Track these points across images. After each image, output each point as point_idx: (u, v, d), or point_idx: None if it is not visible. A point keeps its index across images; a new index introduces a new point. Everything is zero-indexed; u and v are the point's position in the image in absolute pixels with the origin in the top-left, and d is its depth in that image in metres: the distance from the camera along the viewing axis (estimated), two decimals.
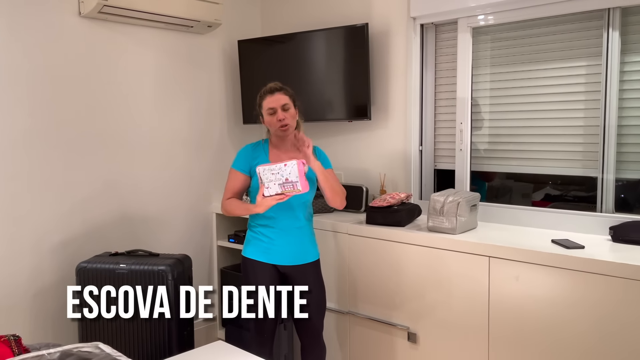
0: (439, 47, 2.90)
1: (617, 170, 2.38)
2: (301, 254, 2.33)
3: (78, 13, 2.78)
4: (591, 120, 2.43)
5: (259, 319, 2.29)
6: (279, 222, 2.29)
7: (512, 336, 2.17)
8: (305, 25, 3.37)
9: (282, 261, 2.30)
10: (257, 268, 2.32)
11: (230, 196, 2.36)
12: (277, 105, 2.24)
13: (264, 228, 2.32)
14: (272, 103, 2.25)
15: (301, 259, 2.33)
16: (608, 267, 1.92)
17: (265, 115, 2.27)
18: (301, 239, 2.33)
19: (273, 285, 2.25)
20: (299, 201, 2.26)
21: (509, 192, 2.76)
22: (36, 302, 2.71)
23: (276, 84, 2.32)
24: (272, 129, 2.29)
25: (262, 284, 2.26)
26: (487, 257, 2.21)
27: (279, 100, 2.25)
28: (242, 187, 2.35)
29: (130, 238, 3.06)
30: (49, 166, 2.72)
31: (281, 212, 2.27)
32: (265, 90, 2.29)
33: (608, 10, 2.33)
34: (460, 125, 2.79)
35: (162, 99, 3.16)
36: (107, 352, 1.60)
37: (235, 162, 2.34)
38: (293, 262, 2.31)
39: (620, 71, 2.34)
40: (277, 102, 2.25)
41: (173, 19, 2.95)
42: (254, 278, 2.32)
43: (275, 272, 2.32)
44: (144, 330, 2.61)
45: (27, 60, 2.62)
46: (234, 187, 2.35)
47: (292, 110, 2.30)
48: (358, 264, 2.67)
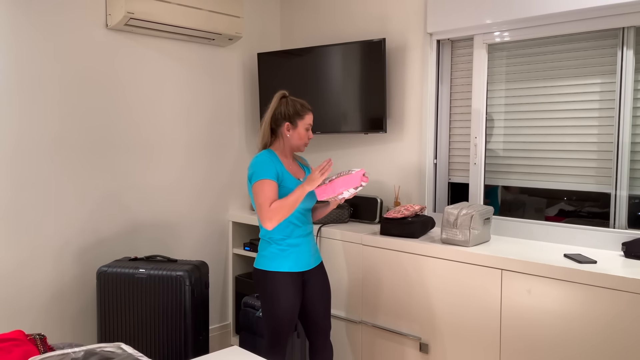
0: (454, 62, 2.96)
1: (630, 187, 2.40)
2: (317, 255, 2.44)
3: (105, 25, 2.88)
4: (605, 137, 2.46)
5: (284, 329, 2.32)
6: (304, 229, 2.35)
7: (524, 349, 2.19)
8: (324, 39, 3.44)
9: (307, 266, 2.36)
10: (290, 279, 2.30)
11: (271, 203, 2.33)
12: (312, 124, 2.39)
13: (291, 239, 2.32)
14: (311, 120, 2.37)
15: (317, 260, 2.43)
16: (620, 282, 1.94)
17: (301, 128, 2.32)
18: (314, 242, 2.44)
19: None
20: (309, 205, 2.36)
21: (522, 207, 2.78)
22: (58, 305, 2.79)
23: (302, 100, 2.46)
24: (297, 142, 2.34)
25: (297, 295, 2.31)
26: (499, 270, 2.24)
27: (312, 120, 2.41)
28: (277, 195, 2.28)
29: (149, 244, 3.14)
30: (73, 173, 2.81)
31: (305, 218, 2.35)
32: (308, 107, 2.36)
33: (623, 30, 2.37)
34: (474, 139, 2.83)
35: (183, 109, 3.25)
36: (129, 352, 1.65)
37: (266, 172, 2.23)
38: (313, 264, 2.39)
39: (635, 89, 2.37)
40: (312, 121, 2.40)
41: (195, 31, 3.04)
42: (290, 290, 2.29)
43: (300, 279, 2.37)
44: (161, 333, 2.67)
45: (55, 70, 2.72)
46: (273, 196, 2.23)
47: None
48: (371, 274, 2.70)
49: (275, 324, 2.31)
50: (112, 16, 2.83)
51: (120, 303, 2.68)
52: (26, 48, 2.62)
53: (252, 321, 2.84)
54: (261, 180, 2.21)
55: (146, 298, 2.67)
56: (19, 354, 1.61)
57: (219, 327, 3.49)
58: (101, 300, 2.69)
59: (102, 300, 2.69)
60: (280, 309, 2.29)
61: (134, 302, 2.67)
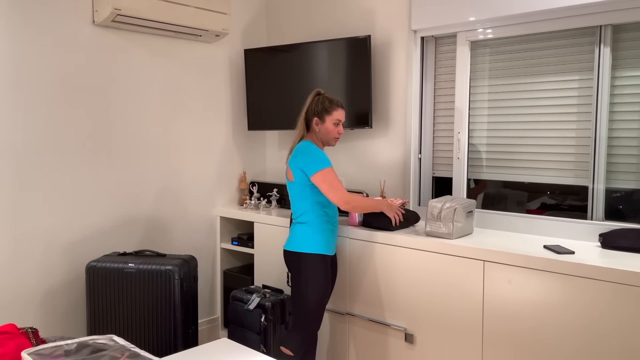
0: (438, 59, 3.02)
1: (607, 180, 2.48)
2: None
3: (92, 21, 2.89)
4: (583, 132, 2.54)
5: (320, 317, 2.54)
6: (336, 216, 2.62)
7: (505, 337, 2.26)
8: (310, 36, 3.48)
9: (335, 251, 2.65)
10: (330, 263, 2.55)
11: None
12: (343, 119, 2.58)
13: (331, 224, 2.56)
14: (341, 116, 2.56)
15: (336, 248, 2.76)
16: (597, 272, 2.02)
17: (330, 123, 2.54)
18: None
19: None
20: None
21: (504, 200, 2.86)
22: (47, 300, 2.81)
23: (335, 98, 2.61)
24: (326, 137, 2.56)
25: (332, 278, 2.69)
26: (482, 261, 2.31)
27: (344, 116, 2.59)
28: None
29: (138, 239, 3.16)
30: (60, 169, 2.82)
31: (335, 207, 2.61)
32: (338, 102, 2.57)
33: (600, 28, 2.45)
34: (457, 134, 2.89)
35: (170, 105, 3.27)
36: (121, 344, 1.69)
37: (327, 161, 2.46)
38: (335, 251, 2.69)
39: (611, 85, 2.45)
40: (343, 116, 2.58)
41: (183, 28, 3.06)
42: (328, 272, 2.51)
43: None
44: (151, 327, 2.70)
45: (41, 67, 2.73)
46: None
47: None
48: (357, 267, 2.76)
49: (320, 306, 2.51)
50: (99, 12, 2.84)
51: (109, 297, 2.71)
52: (12, 46, 2.62)
53: (241, 314, 2.89)
54: (329, 169, 2.45)
55: (136, 292, 2.69)
56: (12, 347, 1.64)
57: (207, 320, 3.53)
58: (90, 295, 2.71)
59: (92, 294, 2.71)
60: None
61: (124, 296, 2.70)
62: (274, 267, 3.18)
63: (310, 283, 2.45)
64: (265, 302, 2.83)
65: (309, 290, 2.45)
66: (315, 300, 2.45)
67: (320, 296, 2.47)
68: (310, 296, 2.45)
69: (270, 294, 2.92)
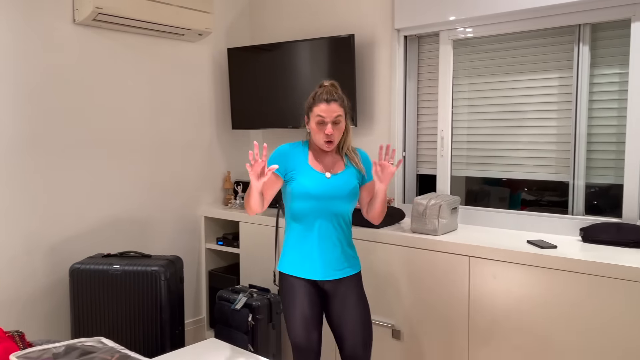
0: (421, 57, 3.05)
1: (587, 176, 2.54)
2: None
3: (72, 20, 2.85)
4: (563, 129, 2.59)
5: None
6: (311, 229, 2.19)
7: (491, 330, 2.30)
8: (294, 35, 3.48)
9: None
10: (306, 288, 2.19)
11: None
12: (329, 117, 2.02)
13: (299, 238, 2.17)
14: (324, 112, 2.02)
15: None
16: (578, 265, 2.07)
17: (313, 121, 2.06)
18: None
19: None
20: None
21: (487, 196, 2.90)
22: (30, 303, 2.76)
23: (333, 89, 2.08)
24: (316, 139, 2.08)
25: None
26: (467, 257, 2.35)
27: (332, 112, 2.02)
28: (270, 187, 2.10)
29: (122, 240, 3.13)
30: (42, 170, 2.78)
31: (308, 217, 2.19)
32: (321, 95, 2.04)
33: (579, 27, 2.50)
34: (441, 132, 2.93)
35: (153, 105, 3.24)
36: (110, 346, 1.68)
37: (269, 160, 2.09)
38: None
39: (590, 83, 2.50)
40: (330, 113, 2.02)
41: (165, 27, 3.03)
42: (296, 298, 2.18)
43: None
44: (137, 328, 2.68)
45: (22, 66, 2.68)
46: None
47: (343, 124, 2.09)
48: None
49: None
50: (79, 11, 2.80)
51: (94, 300, 2.67)
52: None
53: (228, 314, 2.88)
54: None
55: (121, 294, 2.67)
56: (0, 351, 1.62)
57: (193, 321, 3.51)
58: (74, 298, 2.68)
59: (76, 297, 2.68)
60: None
61: (109, 298, 2.67)
62: (259, 266, 3.18)
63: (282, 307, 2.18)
64: (253, 301, 2.82)
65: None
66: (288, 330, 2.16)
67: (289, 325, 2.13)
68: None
69: (257, 294, 2.91)
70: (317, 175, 2.09)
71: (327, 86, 2.09)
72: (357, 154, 2.20)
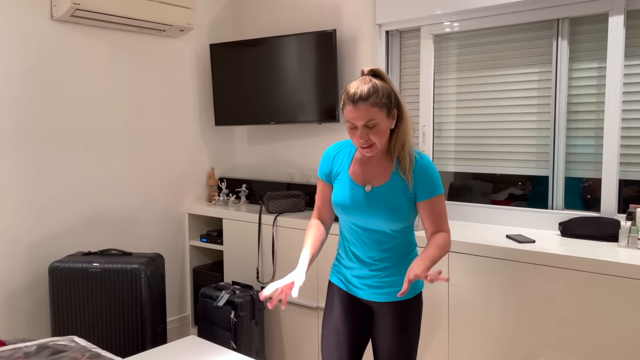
0: (403, 52, 3.04)
1: (566, 170, 2.55)
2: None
3: (50, 16, 2.82)
4: (543, 123, 2.59)
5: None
6: (351, 244, 1.93)
7: (470, 324, 2.31)
8: (276, 30, 3.47)
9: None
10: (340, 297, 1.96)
11: (318, 207, 1.91)
12: (359, 122, 1.60)
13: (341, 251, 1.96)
14: (351, 115, 1.61)
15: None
16: (556, 260, 2.07)
17: (347, 125, 1.67)
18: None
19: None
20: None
21: (469, 191, 2.90)
22: (10, 302, 2.74)
23: (364, 84, 1.61)
24: (355, 144, 1.71)
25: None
26: None
27: (361, 116, 1.59)
28: (328, 196, 1.86)
29: (103, 238, 3.11)
30: (22, 168, 2.75)
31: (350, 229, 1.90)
32: (348, 94, 1.62)
33: (558, 21, 2.50)
34: (423, 127, 2.92)
35: (135, 102, 3.22)
36: (82, 345, 1.66)
37: (319, 168, 1.86)
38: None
39: (569, 77, 2.51)
40: (359, 117, 1.60)
41: (145, 22, 3.01)
42: (332, 305, 1.95)
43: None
44: (118, 326, 2.67)
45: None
46: (318, 197, 1.90)
47: (384, 125, 1.63)
48: (327, 261, 2.77)
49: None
50: (57, 7, 2.77)
51: (74, 298, 2.66)
52: None
53: (210, 312, 2.87)
54: (318, 180, 1.88)
55: (101, 292, 2.65)
56: None
57: (177, 318, 3.50)
58: (54, 296, 2.66)
59: (55, 296, 2.66)
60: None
61: (89, 296, 2.65)
62: (243, 263, 3.17)
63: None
64: (235, 298, 2.81)
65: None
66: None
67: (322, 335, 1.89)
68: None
69: (240, 290, 2.91)
70: (355, 187, 1.73)
71: (361, 79, 1.64)
72: (412, 159, 1.68)
